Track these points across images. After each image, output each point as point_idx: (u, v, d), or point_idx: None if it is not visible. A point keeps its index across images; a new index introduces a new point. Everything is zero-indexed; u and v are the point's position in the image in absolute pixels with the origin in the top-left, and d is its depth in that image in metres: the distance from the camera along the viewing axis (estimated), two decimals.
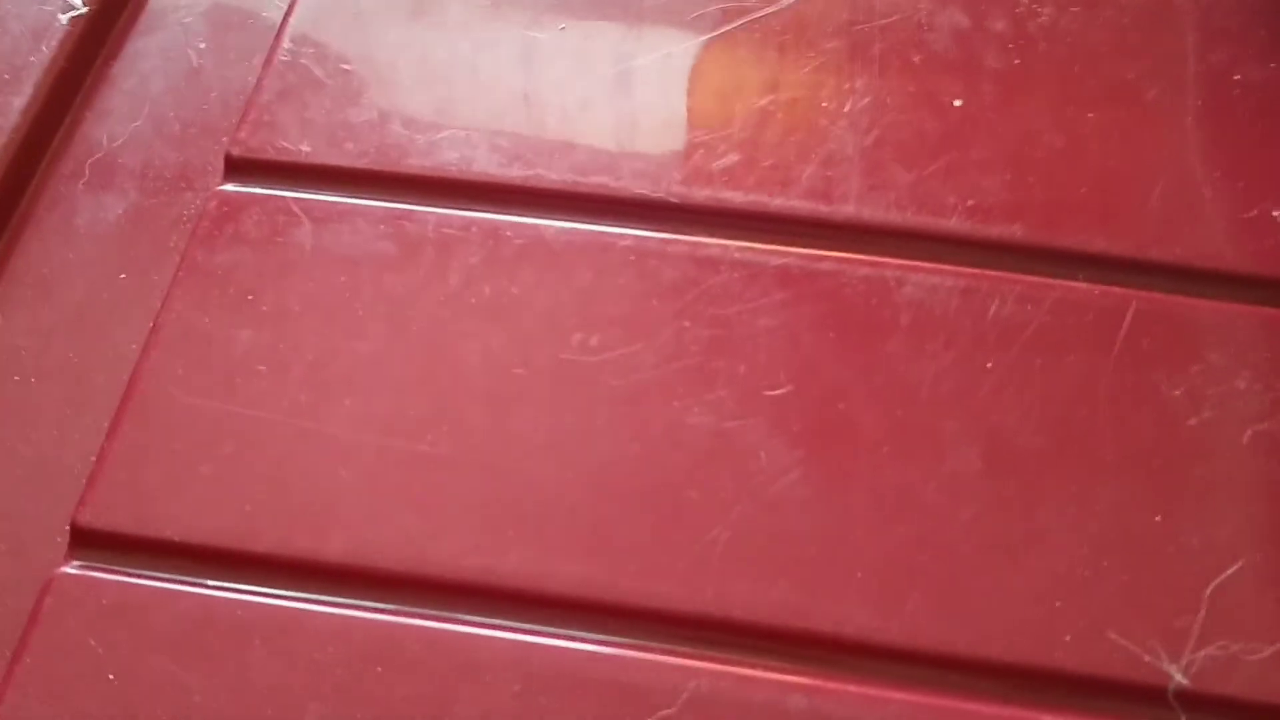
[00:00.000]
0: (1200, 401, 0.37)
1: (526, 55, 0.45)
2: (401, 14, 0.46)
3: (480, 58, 0.45)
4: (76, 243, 0.42)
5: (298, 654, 0.33)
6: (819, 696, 0.32)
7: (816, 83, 0.43)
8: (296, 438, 0.36)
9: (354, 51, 0.45)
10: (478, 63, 0.45)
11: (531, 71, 0.45)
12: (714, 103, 0.43)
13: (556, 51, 0.45)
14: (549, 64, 0.45)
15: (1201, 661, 0.32)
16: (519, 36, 0.45)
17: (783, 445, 0.36)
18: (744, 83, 0.44)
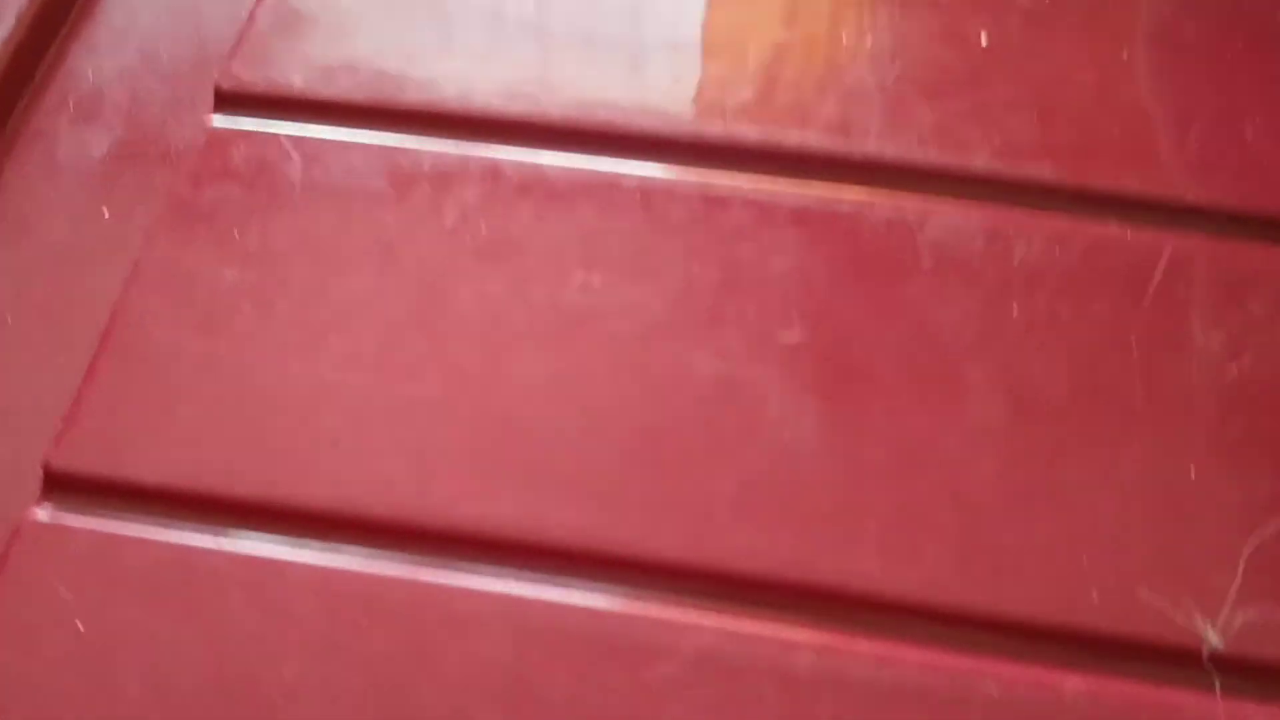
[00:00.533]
0: (1239, 350, 0.34)
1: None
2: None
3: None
4: (59, 179, 0.41)
5: (277, 605, 0.31)
6: (827, 654, 0.30)
7: (837, 16, 0.41)
8: (281, 379, 0.35)
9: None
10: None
11: (536, 2, 0.42)
12: (728, 36, 0.41)
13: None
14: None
15: (1240, 624, 0.30)
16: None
17: (794, 392, 0.34)
18: (760, 15, 0.41)
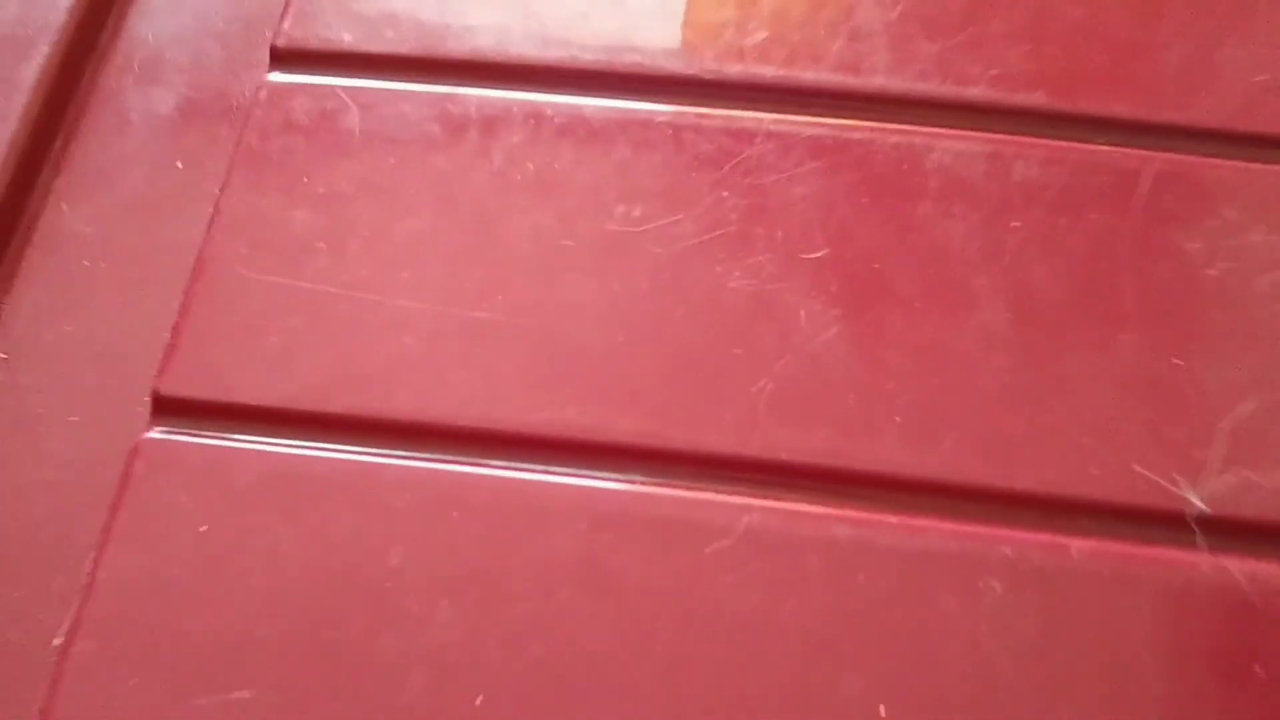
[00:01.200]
0: (1216, 253, 0.39)
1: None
2: None
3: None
4: (131, 135, 0.44)
5: (375, 503, 0.35)
6: (864, 527, 0.34)
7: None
8: (359, 308, 0.38)
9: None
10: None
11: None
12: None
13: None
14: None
15: (1219, 489, 0.35)
16: None
17: (821, 304, 0.38)
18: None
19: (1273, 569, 0.34)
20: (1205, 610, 0.33)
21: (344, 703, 0.33)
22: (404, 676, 0.33)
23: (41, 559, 0.36)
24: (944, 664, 0.33)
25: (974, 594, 0.34)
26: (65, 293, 0.41)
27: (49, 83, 0.43)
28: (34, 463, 0.38)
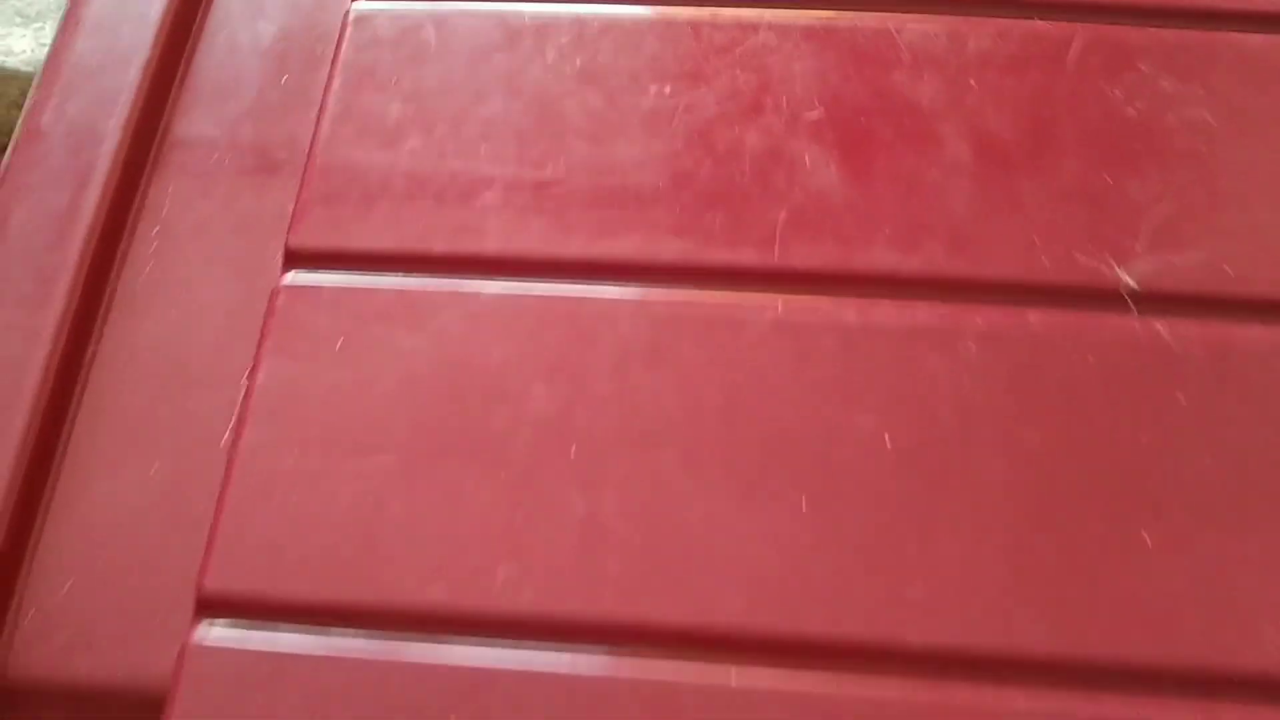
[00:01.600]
0: (1135, 97, 0.48)
1: None
2: None
3: None
4: (243, 57, 0.53)
5: (477, 316, 0.44)
6: (865, 312, 0.44)
7: None
8: (449, 175, 0.47)
9: None
10: None
11: None
12: None
13: None
14: None
15: (1145, 269, 0.44)
16: None
17: (820, 151, 0.47)
18: None
19: (1189, 325, 0.43)
20: (1138, 359, 0.43)
21: (464, 459, 0.42)
22: (511, 439, 0.42)
23: (205, 380, 0.45)
24: (934, 405, 0.42)
25: (955, 354, 0.43)
26: (201, 181, 0.50)
27: (172, 18, 0.52)
28: (190, 311, 0.47)
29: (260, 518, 0.41)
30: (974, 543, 0.40)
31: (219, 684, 0.38)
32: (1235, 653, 0.38)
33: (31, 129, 0.49)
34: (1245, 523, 0.40)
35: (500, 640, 0.39)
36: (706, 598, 0.39)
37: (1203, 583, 0.39)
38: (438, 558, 0.40)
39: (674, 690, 0.38)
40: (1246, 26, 0.50)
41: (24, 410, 0.44)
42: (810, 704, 0.37)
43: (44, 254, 0.47)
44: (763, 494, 0.41)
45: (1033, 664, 0.38)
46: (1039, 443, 0.41)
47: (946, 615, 0.39)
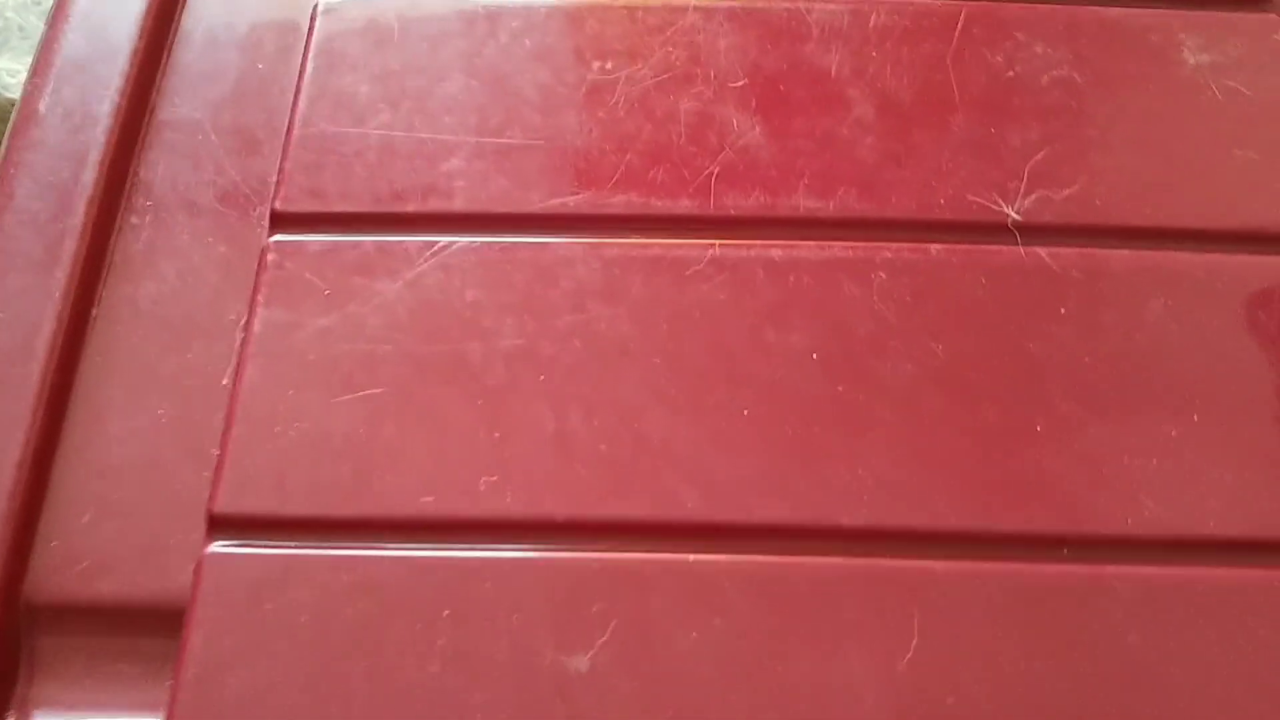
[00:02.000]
0: (1014, 62, 0.55)
1: None
2: None
3: None
4: (219, 47, 0.58)
5: (450, 265, 0.50)
6: (788, 249, 0.50)
7: None
8: (417, 143, 0.53)
9: None
10: None
11: None
12: None
13: None
14: None
15: (1026, 205, 0.51)
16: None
17: (745, 115, 0.54)
18: None
19: (1066, 251, 0.50)
20: (1024, 280, 0.50)
21: (445, 388, 0.47)
22: (486, 368, 0.47)
23: (202, 332, 0.50)
24: (851, 325, 0.48)
25: (868, 282, 0.49)
26: (188, 158, 0.54)
27: (154, 12, 0.57)
28: (185, 271, 0.51)
29: (263, 446, 0.46)
30: (892, 438, 0.46)
31: (233, 591, 0.43)
32: (1117, 520, 0.45)
33: (28, 113, 0.54)
34: (1120, 412, 0.47)
35: (485, 542, 0.44)
36: (664, 495, 0.45)
37: (1088, 462, 0.46)
38: (426, 473, 0.45)
39: (640, 572, 0.43)
40: (1106, 1, 0.57)
41: (38, 361, 0.48)
42: (758, 576, 0.43)
43: (49, 223, 0.51)
44: (709, 404, 0.47)
45: (946, 536, 0.45)
46: (943, 352, 0.48)
47: (871, 499, 0.45)
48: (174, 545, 0.46)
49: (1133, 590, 0.43)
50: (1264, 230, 0.51)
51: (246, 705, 0.41)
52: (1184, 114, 0.54)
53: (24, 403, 0.48)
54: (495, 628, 0.42)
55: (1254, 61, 0.55)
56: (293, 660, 0.42)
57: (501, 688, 0.41)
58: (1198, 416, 0.47)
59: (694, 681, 0.41)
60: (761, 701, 0.41)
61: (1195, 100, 0.54)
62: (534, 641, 0.42)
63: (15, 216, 0.52)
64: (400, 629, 0.42)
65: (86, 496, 0.47)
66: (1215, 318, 0.49)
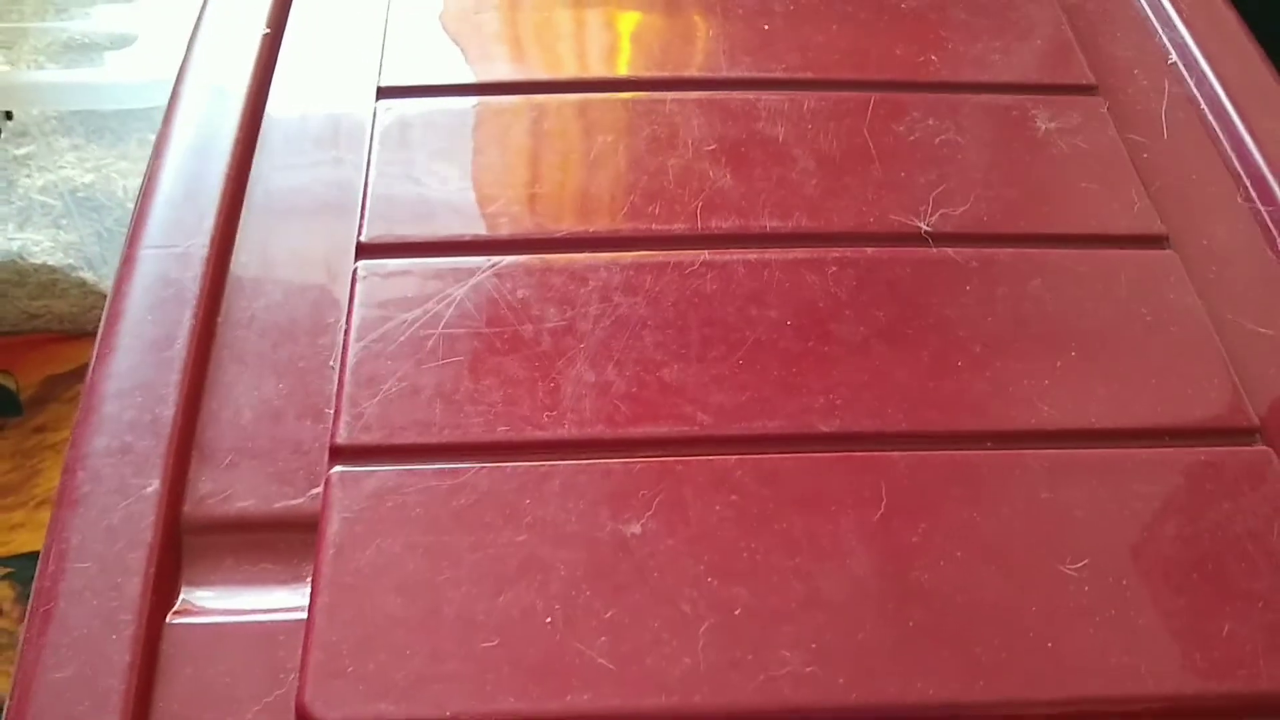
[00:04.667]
0: (913, 130, 0.74)
1: None
2: None
3: None
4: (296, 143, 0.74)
5: (524, 282, 0.65)
6: (761, 254, 0.66)
7: None
8: (469, 196, 0.69)
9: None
10: None
11: None
12: None
13: None
14: None
15: (933, 220, 0.68)
16: None
17: (718, 168, 0.71)
18: None
19: (966, 249, 0.67)
20: (937, 269, 0.66)
21: (507, 356, 0.61)
22: (539, 342, 0.62)
23: (306, 330, 0.64)
24: (813, 300, 0.64)
25: (823, 272, 0.65)
26: (283, 215, 0.69)
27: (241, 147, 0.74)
28: (290, 289, 0.65)
29: (371, 398, 0.59)
30: (852, 373, 0.61)
31: (357, 497, 0.56)
32: (1023, 419, 0.60)
33: (152, 186, 0.69)
34: (1017, 352, 0.63)
35: (550, 457, 0.58)
36: (684, 417, 0.59)
37: (998, 384, 0.61)
38: (499, 411, 0.59)
39: (672, 470, 0.57)
40: (982, 90, 0.77)
41: (179, 350, 0.61)
42: (761, 468, 0.57)
43: (181, 255, 0.65)
44: (711, 357, 0.62)
45: (899, 435, 0.59)
46: (883, 317, 0.64)
47: (840, 413, 0.59)
48: (298, 477, 0.58)
49: (1040, 464, 0.58)
50: (1108, 234, 0.69)
51: (377, 571, 0.53)
52: (1040, 160, 0.73)
53: (170, 379, 0.60)
54: (565, 509, 0.55)
55: (1089, 127, 0.75)
56: (411, 538, 0.54)
57: (575, 547, 0.54)
58: (1074, 353, 0.63)
59: (721, 538, 0.55)
60: (771, 547, 0.54)
61: (1047, 151, 0.73)
62: (596, 517, 0.55)
63: (152, 250, 0.66)
64: (493, 513, 0.55)
65: (226, 446, 0.59)
66: (1079, 291, 0.66)
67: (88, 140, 1.42)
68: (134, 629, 0.51)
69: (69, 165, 1.39)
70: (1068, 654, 0.51)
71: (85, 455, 0.57)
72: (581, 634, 0.51)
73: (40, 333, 1.38)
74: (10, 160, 1.38)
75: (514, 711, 0.49)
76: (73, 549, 0.54)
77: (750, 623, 0.52)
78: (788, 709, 0.49)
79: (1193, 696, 0.51)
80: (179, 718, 0.50)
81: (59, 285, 1.33)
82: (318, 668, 0.50)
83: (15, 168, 1.38)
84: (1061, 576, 0.54)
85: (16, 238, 1.31)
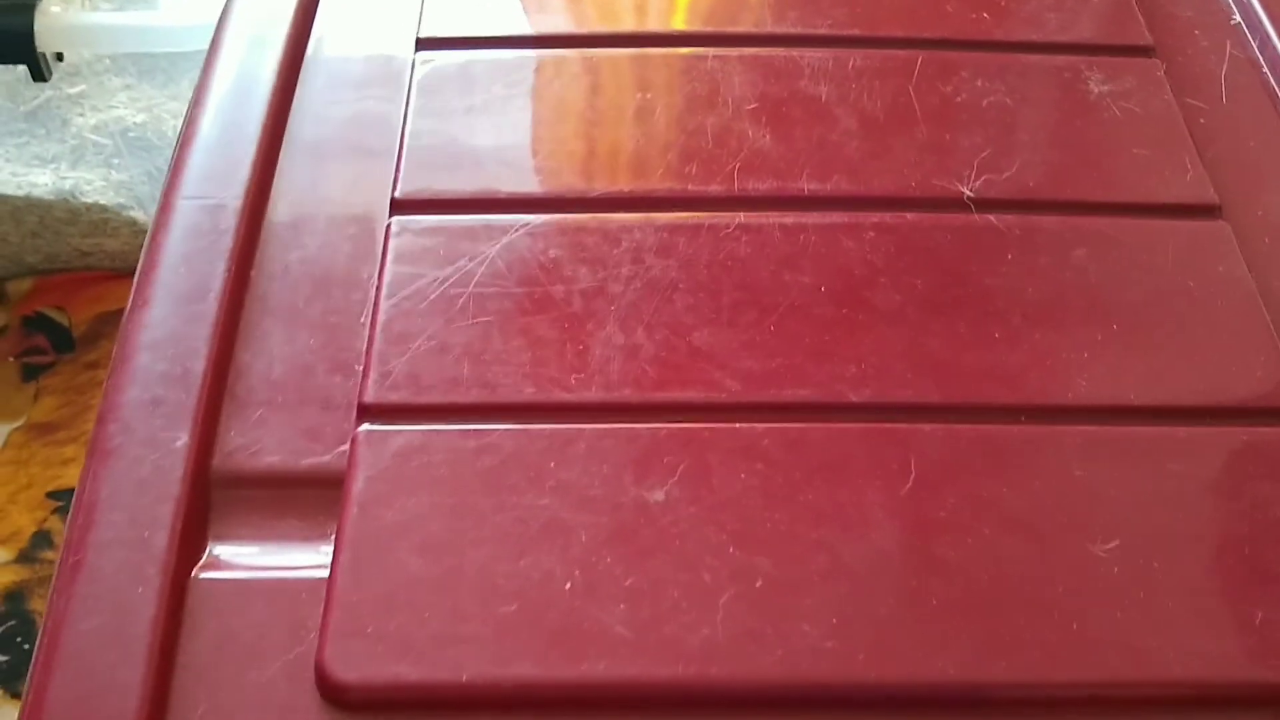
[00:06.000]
0: (960, 91, 0.72)
1: None
2: None
3: None
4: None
5: (554, 247, 0.64)
6: (798, 218, 0.65)
7: None
8: (503, 152, 0.68)
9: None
10: None
11: None
12: None
13: None
14: None
15: (977, 185, 0.67)
16: None
17: (757, 128, 0.69)
18: None
19: (1009, 216, 0.65)
20: (979, 236, 0.65)
21: (537, 316, 0.61)
22: (569, 303, 0.61)
23: (340, 284, 0.64)
24: (848, 266, 0.63)
25: (861, 238, 0.64)
26: (319, 162, 0.69)
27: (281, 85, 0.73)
28: (324, 242, 0.65)
29: (400, 355, 0.59)
30: (885, 341, 0.60)
31: (383, 455, 0.56)
32: (1060, 394, 0.59)
33: (191, 132, 0.69)
34: (1057, 323, 0.61)
35: (577, 420, 0.57)
36: (712, 384, 0.58)
37: (1035, 356, 0.60)
38: (527, 372, 0.59)
39: (698, 437, 0.57)
40: (1033, 50, 0.75)
41: (211, 303, 0.61)
42: (789, 436, 0.57)
43: (215, 207, 0.65)
44: (742, 323, 0.61)
45: (931, 407, 0.58)
46: (920, 285, 0.62)
47: (872, 382, 0.59)
48: (327, 433, 0.58)
49: (1075, 441, 0.57)
50: (1158, 203, 0.67)
51: (400, 531, 0.53)
52: (1091, 123, 0.71)
53: (202, 333, 0.61)
54: (590, 473, 0.55)
55: (1143, 90, 0.73)
56: (435, 498, 0.54)
57: (598, 511, 0.54)
58: (1115, 326, 0.61)
59: (745, 506, 0.54)
60: (797, 518, 0.54)
61: (1099, 115, 0.71)
62: (620, 482, 0.55)
63: (188, 200, 0.66)
64: (517, 475, 0.55)
65: (256, 400, 0.59)
66: (1124, 262, 0.64)
67: (139, 80, 1.43)
68: (160, 582, 0.52)
69: (120, 105, 1.39)
70: (1093, 635, 0.50)
71: (117, 407, 0.58)
72: (600, 601, 0.51)
73: (93, 270, 1.40)
74: (64, 99, 1.39)
75: (529, 677, 0.49)
76: (103, 500, 0.54)
77: (771, 594, 0.51)
78: (806, 683, 0.49)
79: (1221, 685, 0.50)
80: (203, 670, 0.50)
81: (110, 224, 1.35)
82: (338, 627, 0.50)
83: (68, 106, 1.39)
84: (1090, 556, 0.53)
85: (69, 176, 1.32)
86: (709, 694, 0.49)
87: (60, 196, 1.32)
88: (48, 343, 1.36)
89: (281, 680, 0.50)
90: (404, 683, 0.49)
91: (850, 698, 0.49)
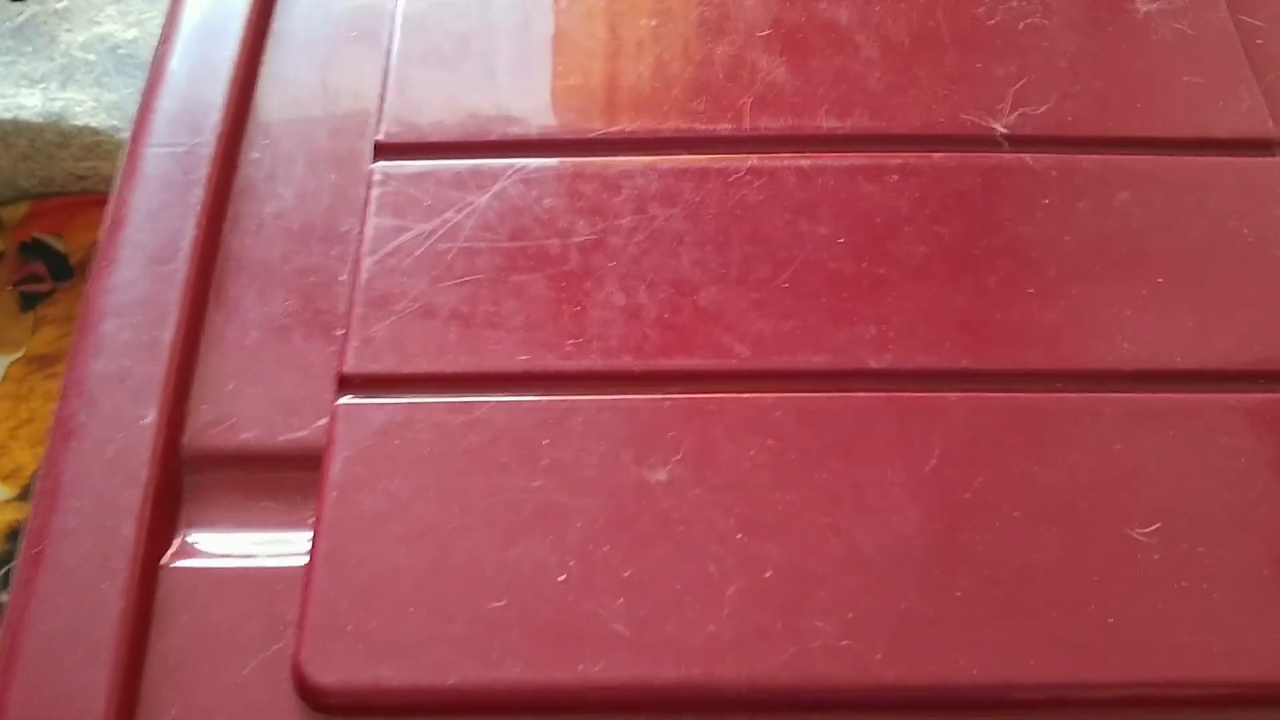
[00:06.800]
0: (994, 13, 0.66)
1: None
2: None
3: None
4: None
5: (555, 187, 0.59)
6: (818, 159, 0.59)
7: None
8: (496, 87, 0.63)
9: None
10: None
11: None
12: None
13: None
14: None
15: (1011, 120, 0.61)
16: None
17: (771, 57, 0.63)
18: None
19: (1045, 155, 0.60)
20: (1012, 178, 0.59)
21: (531, 274, 0.56)
22: (564, 258, 0.56)
23: (319, 238, 0.59)
24: (870, 215, 0.58)
25: (883, 182, 0.59)
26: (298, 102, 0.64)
27: None
28: (302, 192, 0.60)
29: (382, 320, 0.55)
30: (908, 300, 0.55)
31: (364, 432, 0.52)
32: (1099, 358, 0.54)
33: (159, 71, 0.64)
34: (1097, 276, 0.56)
35: (574, 391, 0.53)
36: (720, 348, 0.54)
37: (1073, 314, 0.55)
38: (520, 337, 0.54)
39: (704, 408, 0.52)
40: None
41: (182, 261, 0.57)
42: (803, 408, 0.52)
43: (184, 154, 0.60)
44: (753, 279, 0.56)
45: (958, 374, 0.53)
46: (948, 235, 0.57)
47: (894, 346, 0.54)
48: (305, 406, 0.54)
49: (1114, 411, 0.52)
50: (1209, 138, 0.61)
51: (381, 518, 0.49)
52: (1138, 48, 0.64)
53: (171, 296, 0.56)
54: (586, 451, 0.51)
55: (1196, 8, 0.66)
56: (419, 481, 0.50)
57: (595, 494, 0.50)
58: (1161, 279, 0.56)
59: (753, 487, 0.50)
60: (810, 500, 0.50)
61: (1147, 38, 0.65)
62: (619, 460, 0.51)
63: (156, 149, 0.61)
64: (508, 454, 0.51)
65: (229, 370, 0.55)
66: (1171, 205, 0.58)
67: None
68: (129, 574, 0.49)
69: (109, 20, 1.33)
70: (1131, 631, 0.47)
71: (81, 381, 0.54)
72: (597, 595, 0.47)
73: (89, 194, 1.35)
74: (49, 15, 1.32)
75: (520, 680, 0.45)
76: (65, 485, 0.51)
77: (781, 587, 0.47)
78: (818, 686, 0.46)
79: (1273, 684, 0.46)
80: (174, 670, 0.47)
81: (103, 147, 1.29)
82: (316, 625, 0.47)
83: (55, 22, 1.33)
84: (1129, 541, 0.48)
85: (58, 97, 1.27)
86: (713, 698, 0.46)
87: (50, 119, 1.26)
88: (45, 270, 1.32)
89: (258, 680, 0.47)
90: (387, 686, 0.46)
91: (867, 701, 0.46)
